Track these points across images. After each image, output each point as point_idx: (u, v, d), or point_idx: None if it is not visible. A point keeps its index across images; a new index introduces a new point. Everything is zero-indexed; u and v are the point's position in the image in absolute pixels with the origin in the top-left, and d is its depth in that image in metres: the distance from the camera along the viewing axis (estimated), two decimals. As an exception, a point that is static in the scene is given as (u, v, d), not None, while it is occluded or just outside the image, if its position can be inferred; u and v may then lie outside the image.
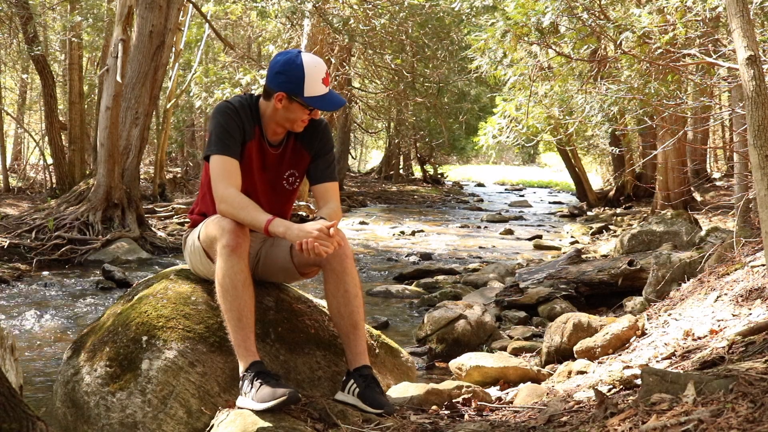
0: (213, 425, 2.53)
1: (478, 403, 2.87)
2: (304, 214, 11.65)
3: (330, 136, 2.95)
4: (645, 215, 12.87)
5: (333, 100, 2.76)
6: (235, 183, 2.67)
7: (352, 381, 2.70)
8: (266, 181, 2.88)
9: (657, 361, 3.11)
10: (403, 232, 12.30)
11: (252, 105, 2.81)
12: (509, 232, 12.62)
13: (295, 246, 2.54)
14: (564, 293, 5.69)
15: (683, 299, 4.03)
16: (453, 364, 3.66)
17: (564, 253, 8.30)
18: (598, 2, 4.72)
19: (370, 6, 11.79)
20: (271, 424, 2.40)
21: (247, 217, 2.60)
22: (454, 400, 2.86)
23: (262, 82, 14.25)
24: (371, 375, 2.70)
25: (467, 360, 3.56)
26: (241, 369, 2.56)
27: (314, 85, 2.70)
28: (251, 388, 2.48)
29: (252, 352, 2.57)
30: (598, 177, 25.74)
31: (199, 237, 2.80)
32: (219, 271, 2.59)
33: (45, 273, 7.69)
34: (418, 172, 29.36)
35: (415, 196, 21.78)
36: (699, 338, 3.22)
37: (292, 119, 2.76)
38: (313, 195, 2.92)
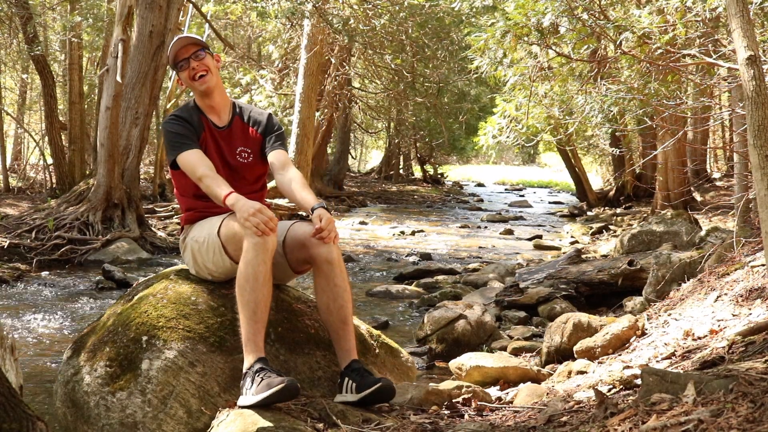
0: (213, 425, 2.53)
1: (478, 403, 2.87)
2: (304, 213, 11.64)
3: (276, 120, 3.22)
4: (645, 215, 12.86)
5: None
6: (207, 165, 2.89)
7: (347, 379, 2.72)
8: (222, 159, 3.06)
9: (657, 361, 3.11)
10: (403, 232, 12.30)
11: (193, 105, 3.10)
12: (509, 232, 12.62)
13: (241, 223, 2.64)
14: (564, 293, 5.69)
15: (683, 299, 4.03)
16: (453, 364, 3.66)
17: (564, 253, 8.30)
18: (598, 3, 4.72)
19: (370, 6, 11.79)
20: (271, 424, 2.40)
21: (209, 187, 2.79)
22: (454, 400, 2.86)
23: (262, 81, 14.29)
24: (362, 367, 2.75)
25: (467, 360, 3.57)
26: (246, 364, 2.57)
27: (172, 50, 3.03)
28: (252, 383, 2.49)
29: (260, 348, 2.59)
30: (598, 177, 25.73)
31: (219, 232, 2.81)
32: (243, 262, 2.62)
33: (45, 273, 7.69)
34: (418, 172, 29.35)
35: (415, 196, 21.78)
36: (699, 338, 3.22)
37: (187, 82, 3.04)
38: (270, 164, 3.12)
